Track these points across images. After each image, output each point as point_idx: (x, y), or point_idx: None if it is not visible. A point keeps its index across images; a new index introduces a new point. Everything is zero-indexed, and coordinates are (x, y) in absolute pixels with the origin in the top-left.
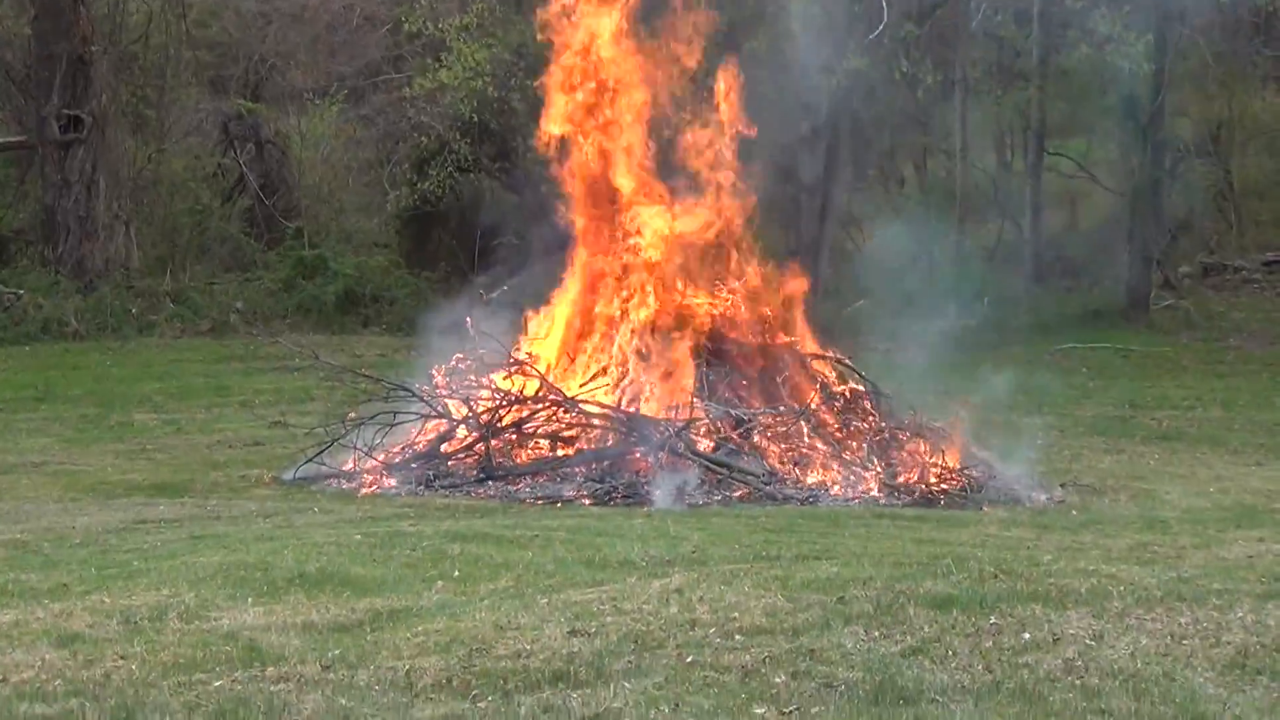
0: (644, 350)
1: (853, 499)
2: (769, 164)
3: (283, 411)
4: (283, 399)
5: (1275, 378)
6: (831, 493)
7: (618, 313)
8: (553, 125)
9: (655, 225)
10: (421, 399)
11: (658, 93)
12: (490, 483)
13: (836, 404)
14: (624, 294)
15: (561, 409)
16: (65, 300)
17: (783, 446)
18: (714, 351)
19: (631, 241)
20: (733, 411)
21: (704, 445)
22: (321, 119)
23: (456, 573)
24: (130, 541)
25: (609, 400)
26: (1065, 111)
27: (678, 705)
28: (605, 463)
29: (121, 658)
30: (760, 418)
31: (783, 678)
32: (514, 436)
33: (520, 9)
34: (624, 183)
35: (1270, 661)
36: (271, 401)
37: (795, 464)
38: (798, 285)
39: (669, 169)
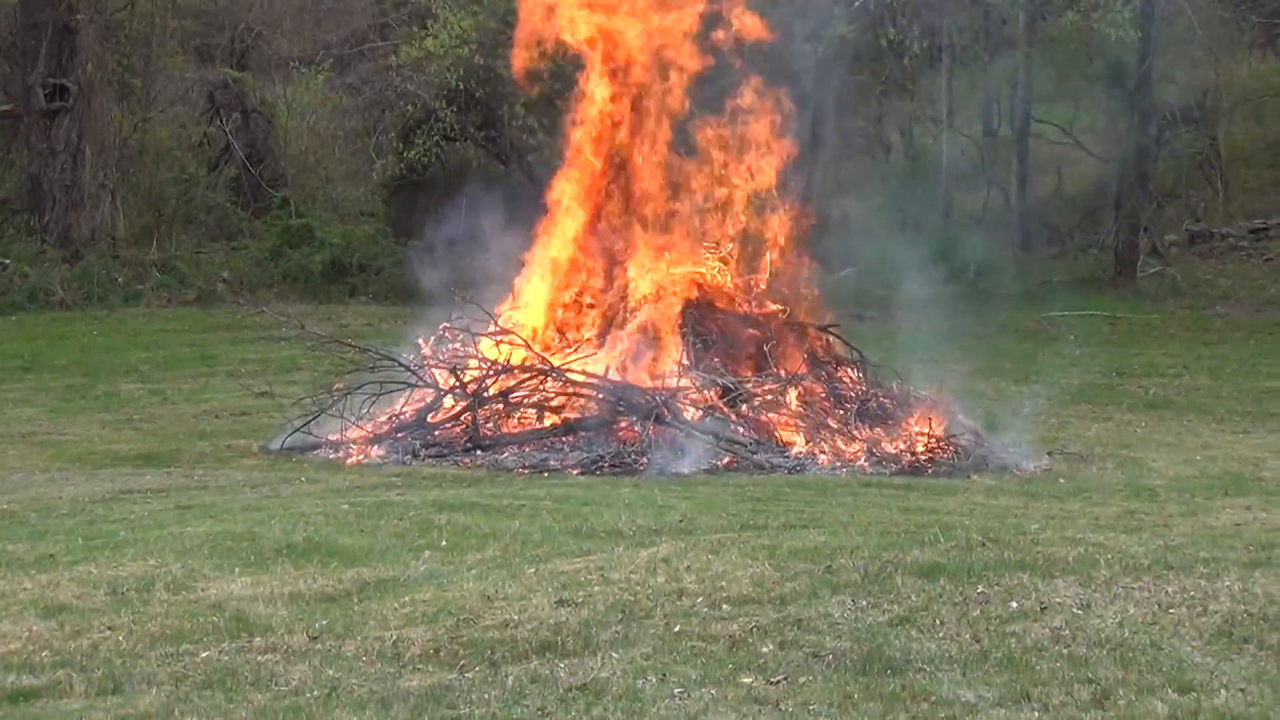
0: (630, 319)
1: (840, 468)
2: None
3: (269, 381)
4: (269, 368)
5: (1262, 345)
6: (819, 461)
7: (603, 282)
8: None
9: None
10: (408, 368)
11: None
12: (477, 452)
13: (824, 372)
14: (609, 263)
15: (548, 378)
16: (51, 269)
17: (770, 415)
18: (700, 320)
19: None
20: (720, 380)
21: (691, 414)
22: (307, 88)
23: (444, 542)
24: (117, 512)
25: (596, 369)
26: (1052, 78)
27: (665, 675)
28: (592, 432)
29: (109, 628)
30: (747, 386)
31: (770, 647)
32: (501, 406)
33: None
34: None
35: (1257, 630)
36: (258, 371)
37: (783, 432)
38: (785, 252)
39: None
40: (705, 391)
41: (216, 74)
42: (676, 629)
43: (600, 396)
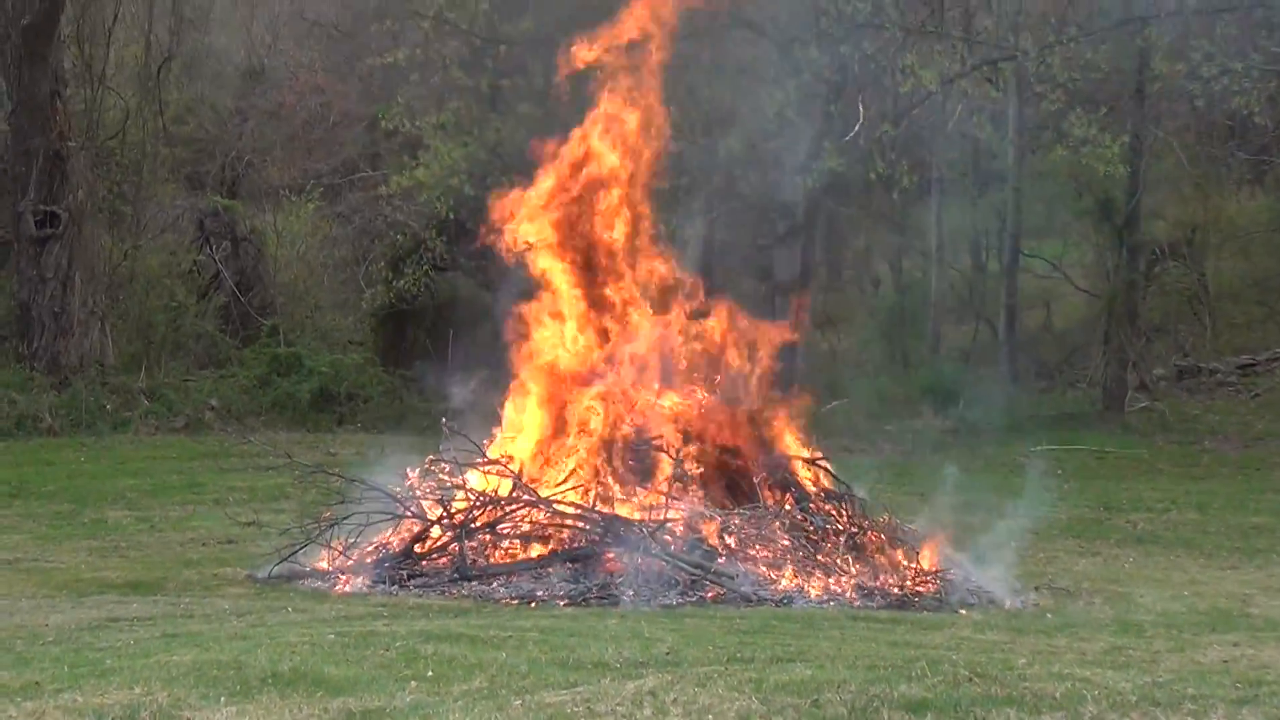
0: (618, 451)
1: (827, 601)
2: (745, 263)
3: (256, 510)
4: (257, 497)
5: (1250, 481)
6: (806, 594)
7: (591, 414)
8: (527, 229)
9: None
10: (395, 499)
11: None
12: (464, 582)
13: (811, 505)
14: (597, 395)
15: (535, 509)
16: (40, 396)
17: (757, 548)
18: (688, 451)
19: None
20: (707, 512)
21: (678, 546)
22: (298, 216)
23: (430, 673)
24: (103, 639)
25: (583, 501)
26: (1041, 213)
27: None
28: (579, 563)
29: None
30: (734, 519)
31: None
32: (488, 536)
33: (496, 108)
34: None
35: None
36: (245, 499)
37: (770, 565)
38: (773, 385)
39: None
40: (692, 523)
41: (207, 202)
42: None
43: (587, 528)
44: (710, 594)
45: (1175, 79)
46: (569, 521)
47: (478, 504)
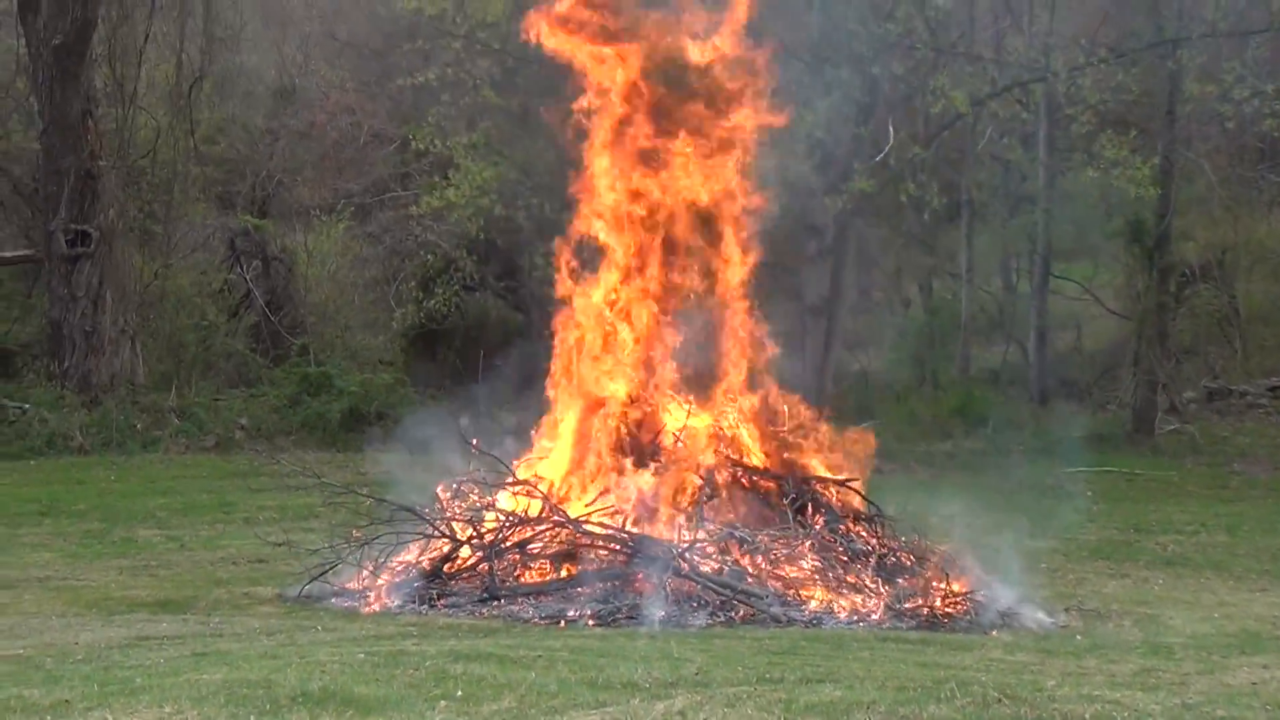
0: (648, 470)
1: (856, 622)
2: (775, 284)
3: (286, 529)
4: (287, 516)
5: (1279, 503)
6: (835, 615)
7: (621, 433)
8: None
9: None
10: (424, 519)
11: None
12: (493, 602)
13: (841, 526)
14: (628, 415)
15: (565, 529)
16: (70, 415)
17: (786, 568)
18: (718, 471)
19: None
20: (736, 532)
21: (707, 566)
22: (328, 236)
23: (459, 693)
24: (133, 658)
25: (613, 521)
26: (1071, 235)
27: None
28: (608, 583)
29: None
30: (764, 539)
31: None
32: (517, 556)
33: (527, 127)
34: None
35: None
36: (275, 518)
37: (799, 586)
38: (805, 407)
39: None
40: (722, 543)
41: (238, 221)
42: None
43: (617, 548)
44: (739, 614)
45: (1206, 101)
46: (598, 542)
47: (507, 524)
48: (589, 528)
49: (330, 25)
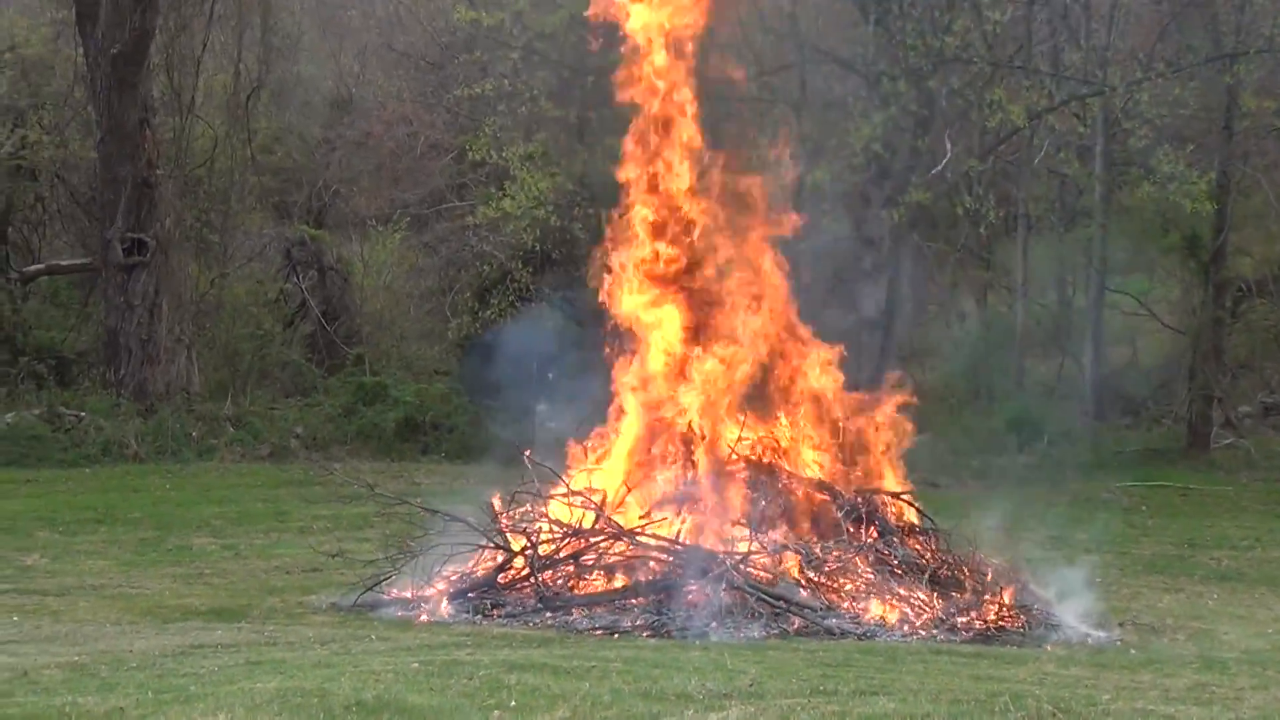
0: (702, 483)
1: (910, 634)
2: (831, 297)
3: (340, 539)
4: (341, 525)
5: None
6: (889, 628)
7: (676, 446)
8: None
9: (713, 361)
10: (479, 530)
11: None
12: (548, 612)
13: (895, 539)
14: (682, 428)
15: (619, 540)
16: (126, 423)
17: (840, 580)
18: (773, 484)
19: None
20: (790, 545)
21: (762, 578)
22: (384, 246)
23: (513, 703)
24: (187, 666)
25: (666, 533)
26: (1127, 249)
27: None
28: (662, 594)
29: None
30: (818, 551)
31: None
32: (571, 567)
33: (583, 139)
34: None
35: None
36: (329, 528)
37: (853, 598)
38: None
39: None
40: (776, 556)
41: (294, 231)
42: None
43: (671, 560)
44: (793, 626)
45: (1264, 116)
46: (652, 553)
47: (561, 535)
48: (643, 539)
49: (388, 36)
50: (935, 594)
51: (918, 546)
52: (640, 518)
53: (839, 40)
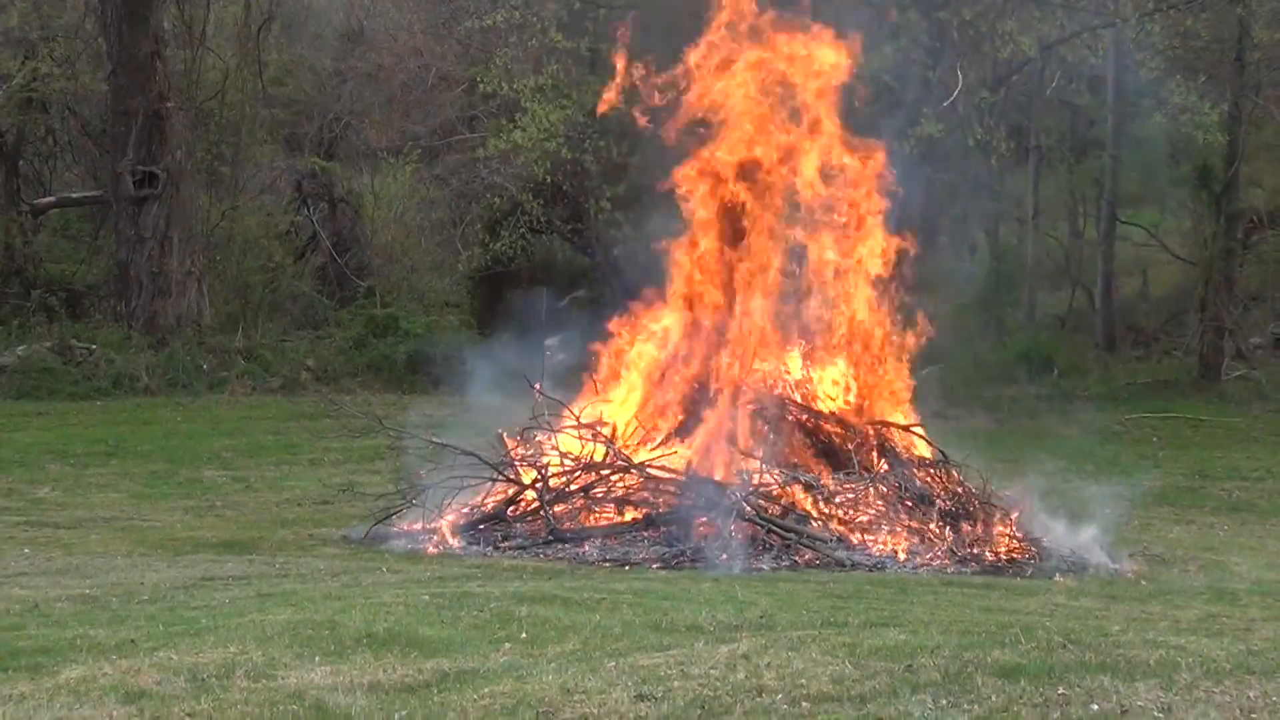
0: (713, 414)
1: (920, 566)
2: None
3: (351, 471)
4: (352, 458)
5: None
6: (899, 560)
7: (688, 378)
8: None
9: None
10: (489, 464)
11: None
12: (558, 545)
13: (906, 471)
14: (695, 360)
15: (629, 473)
16: (137, 356)
17: (851, 513)
18: (784, 416)
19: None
20: (801, 477)
21: (772, 510)
22: (395, 178)
23: (524, 634)
24: (198, 598)
25: (678, 464)
26: (1138, 180)
27: None
28: (673, 527)
29: (189, 716)
30: (829, 483)
31: None
32: (581, 500)
33: (594, 70)
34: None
35: None
36: (340, 460)
37: (863, 530)
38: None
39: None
40: (787, 488)
41: (304, 163)
42: None
43: (681, 492)
44: (804, 558)
45: (1275, 47)
46: (662, 486)
47: (571, 469)
48: (653, 471)
49: None
50: (945, 526)
51: (928, 479)
52: (651, 450)
53: None
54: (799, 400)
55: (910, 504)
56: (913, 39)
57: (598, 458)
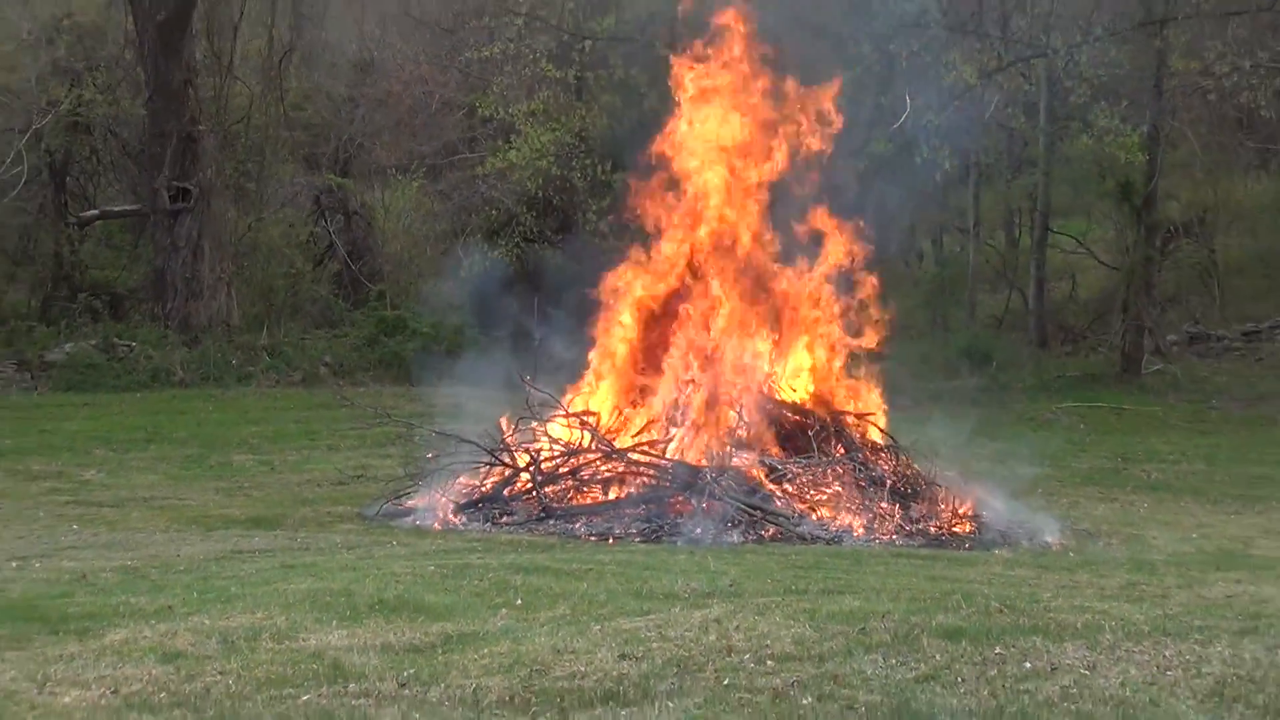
0: (686, 405)
1: (873, 540)
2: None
3: (365, 455)
4: (366, 443)
5: (1253, 436)
6: (855, 534)
7: (663, 372)
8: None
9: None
10: (487, 450)
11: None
12: (550, 521)
13: (860, 455)
14: (668, 355)
15: (612, 458)
16: (172, 352)
17: (811, 492)
18: (751, 406)
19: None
20: (766, 460)
21: (740, 490)
22: (403, 193)
23: (519, 601)
24: (228, 569)
25: (656, 450)
26: (1068, 194)
27: None
28: (652, 505)
29: (220, 673)
30: (791, 466)
31: (809, 700)
32: (571, 482)
33: (581, 97)
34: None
35: (1246, 691)
36: (355, 445)
37: (822, 508)
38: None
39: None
40: (754, 470)
41: (322, 180)
42: (726, 682)
43: (659, 474)
44: (769, 533)
45: (1190, 75)
46: (642, 469)
47: (561, 454)
48: (634, 456)
49: (405, 4)
50: (896, 504)
51: (880, 462)
52: (632, 437)
53: (810, 7)
54: (765, 391)
55: (864, 485)
56: (867, 68)
57: (585, 444)
